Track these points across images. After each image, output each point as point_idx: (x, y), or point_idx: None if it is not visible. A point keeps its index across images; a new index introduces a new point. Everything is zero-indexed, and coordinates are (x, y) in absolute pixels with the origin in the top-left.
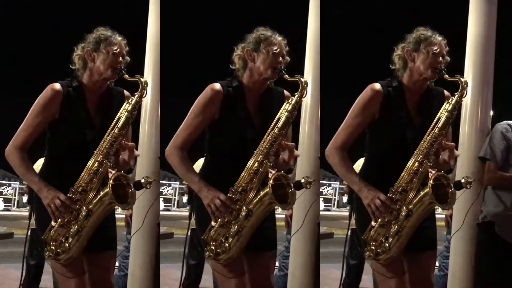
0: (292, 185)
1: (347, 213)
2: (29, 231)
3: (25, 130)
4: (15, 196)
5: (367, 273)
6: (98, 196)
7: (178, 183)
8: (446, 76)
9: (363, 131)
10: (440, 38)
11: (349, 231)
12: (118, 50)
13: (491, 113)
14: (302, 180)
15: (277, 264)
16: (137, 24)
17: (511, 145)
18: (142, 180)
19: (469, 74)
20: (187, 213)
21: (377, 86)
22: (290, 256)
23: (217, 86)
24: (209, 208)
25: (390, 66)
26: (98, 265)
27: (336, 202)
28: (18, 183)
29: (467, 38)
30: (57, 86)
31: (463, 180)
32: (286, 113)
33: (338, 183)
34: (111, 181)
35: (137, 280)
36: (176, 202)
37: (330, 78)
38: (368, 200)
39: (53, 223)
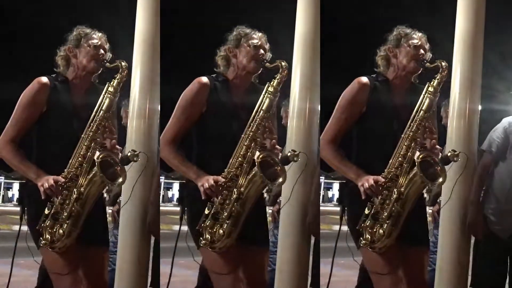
0: (278, 161)
1: (333, 208)
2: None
3: (14, 124)
4: (0, 190)
5: (353, 269)
6: (88, 178)
7: (163, 177)
8: (428, 64)
9: (353, 124)
10: (420, 34)
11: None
12: (99, 43)
13: (479, 107)
14: (288, 154)
15: None
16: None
17: (510, 141)
18: (129, 154)
19: (457, 69)
20: (173, 208)
21: (364, 79)
22: (278, 250)
23: (204, 79)
24: (201, 188)
25: (375, 70)
26: (93, 260)
27: (321, 197)
28: (3, 177)
29: (455, 34)
30: (44, 79)
31: (449, 154)
32: (269, 95)
33: (323, 177)
34: (98, 160)
35: (125, 275)
36: (161, 196)
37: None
38: (363, 181)
39: (46, 211)
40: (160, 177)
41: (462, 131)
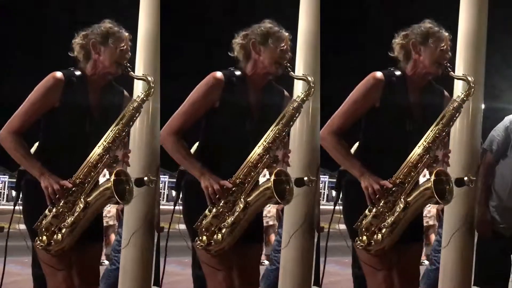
0: (291, 182)
1: (337, 207)
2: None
3: (22, 115)
4: (4, 190)
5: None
6: (99, 190)
7: (167, 176)
8: (452, 73)
9: (360, 119)
10: (446, 34)
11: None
12: (125, 47)
13: (483, 106)
14: (305, 178)
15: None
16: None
17: (511, 138)
18: (145, 178)
19: (460, 69)
20: (177, 207)
21: (379, 74)
22: (282, 249)
23: (219, 74)
24: (206, 190)
25: (389, 54)
26: (87, 257)
27: (325, 196)
28: (7, 176)
29: (458, 33)
30: (59, 74)
31: (466, 178)
32: (292, 111)
33: (327, 176)
34: (113, 176)
35: (129, 275)
36: (165, 196)
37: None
38: (367, 183)
39: (47, 212)
40: (164, 176)
41: (465, 129)
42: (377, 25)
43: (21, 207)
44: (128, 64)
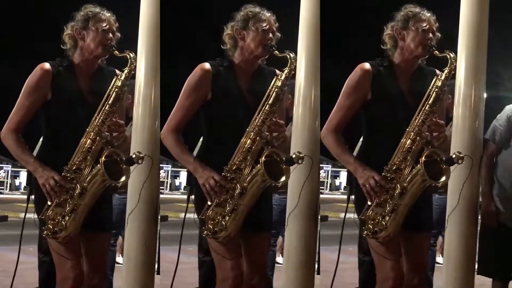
0: (284, 161)
1: (340, 196)
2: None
3: (17, 112)
4: (7, 179)
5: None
6: (92, 174)
7: (170, 166)
8: (436, 52)
9: (357, 112)
10: (428, 14)
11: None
12: (108, 26)
13: (485, 95)
14: (293, 156)
15: None
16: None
17: None
18: (133, 156)
19: (462, 56)
20: (180, 196)
21: (367, 65)
22: (286, 237)
23: (207, 65)
24: (204, 188)
25: (382, 46)
26: (94, 247)
27: (328, 185)
28: (10, 166)
29: (460, 21)
30: (47, 65)
31: (454, 156)
32: (276, 89)
33: (330, 166)
34: (103, 158)
35: (133, 262)
36: (168, 185)
37: (327, 58)
38: (363, 179)
39: (49, 202)
40: (167, 165)
41: (468, 118)
42: (376, 12)
43: (23, 196)
44: (113, 43)
